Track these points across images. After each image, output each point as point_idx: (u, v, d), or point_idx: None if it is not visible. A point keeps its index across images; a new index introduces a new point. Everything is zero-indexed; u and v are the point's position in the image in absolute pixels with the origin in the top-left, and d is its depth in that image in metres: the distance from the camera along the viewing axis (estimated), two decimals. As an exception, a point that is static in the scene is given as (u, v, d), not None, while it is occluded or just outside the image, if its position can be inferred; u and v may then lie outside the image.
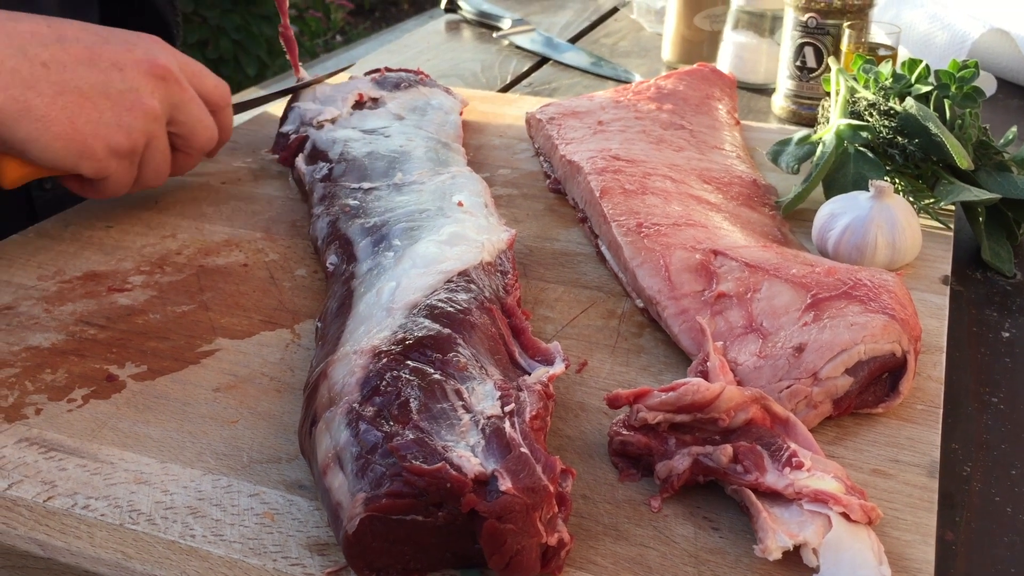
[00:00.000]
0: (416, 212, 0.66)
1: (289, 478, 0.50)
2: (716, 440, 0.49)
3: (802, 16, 1.00)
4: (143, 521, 0.47)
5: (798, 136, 0.82)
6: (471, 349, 0.51)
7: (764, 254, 0.62)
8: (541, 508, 0.42)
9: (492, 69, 1.26)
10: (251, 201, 0.82)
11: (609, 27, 1.46)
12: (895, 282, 0.59)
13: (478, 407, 0.46)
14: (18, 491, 0.49)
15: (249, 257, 0.73)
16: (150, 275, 0.70)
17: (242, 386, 0.58)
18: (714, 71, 0.98)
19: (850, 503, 0.45)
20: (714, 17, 1.20)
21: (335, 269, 0.64)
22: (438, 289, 0.55)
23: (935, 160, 0.77)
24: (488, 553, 0.41)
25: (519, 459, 0.43)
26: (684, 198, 0.71)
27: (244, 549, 0.46)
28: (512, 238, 0.65)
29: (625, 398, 0.50)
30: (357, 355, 0.49)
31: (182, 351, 0.61)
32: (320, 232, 0.70)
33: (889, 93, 0.79)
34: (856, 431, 0.54)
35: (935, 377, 0.58)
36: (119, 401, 0.56)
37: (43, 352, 0.61)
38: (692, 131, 0.84)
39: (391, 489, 0.41)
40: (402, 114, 0.86)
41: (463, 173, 0.74)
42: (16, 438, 0.53)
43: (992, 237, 0.77)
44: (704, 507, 0.48)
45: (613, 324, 0.64)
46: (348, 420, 0.45)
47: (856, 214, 0.68)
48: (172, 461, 0.51)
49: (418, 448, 0.42)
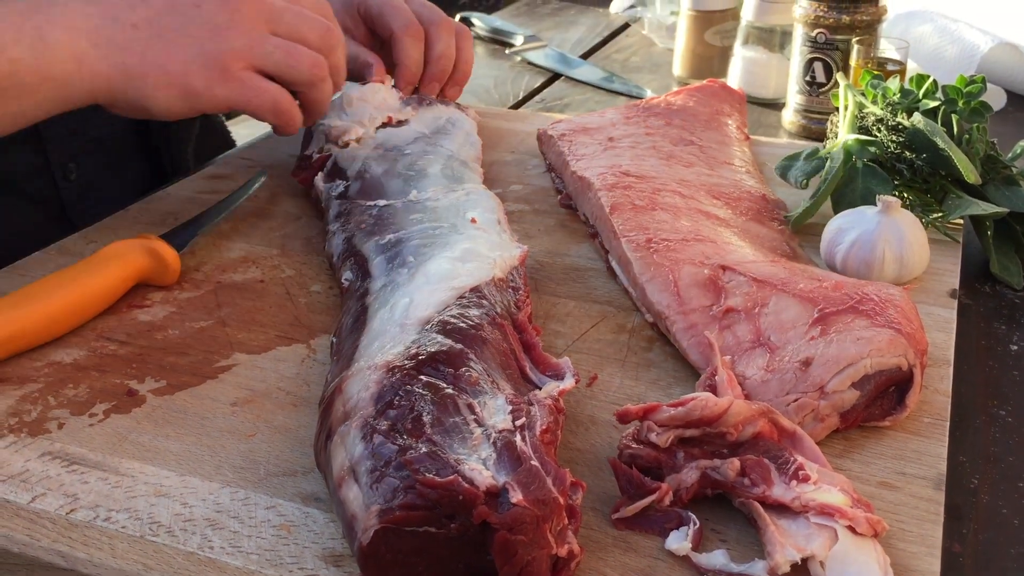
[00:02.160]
0: (430, 229, 0.68)
1: (305, 491, 0.51)
2: (724, 453, 0.50)
3: (811, 32, 1.01)
4: (163, 533, 0.49)
5: (807, 151, 0.83)
6: (483, 364, 0.52)
7: (772, 269, 0.63)
8: (551, 520, 0.43)
9: (505, 85, 1.28)
10: (267, 218, 0.83)
11: (621, 43, 1.47)
12: (901, 296, 0.59)
13: (490, 421, 0.47)
14: (42, 504, 0.51)
15: (265, 273, 0.74)
16: (169, 291, 0.71)
17: (259, 400, 0.59)
18: (724, 87, 0.99)
19: (856, 516, 0.46)
20: (724, 33, 1.21)
21: (350, 285, 0.66)
22: (450, 305, 0.57)
23: (943, 174, 0.77)
24: (499, 564, 0.41)
25: (530, 472, 0.44)
26: (693, 213, 0.72)
27: (261, 560, 0.47)
28: (524, 254, 0.66)
29: (635, 413, 0.51)
30: (371, 370, 0.50)
31: (200, 366, 0.62)
32: (336, 248, 0.71)
33: (897, 108, 0.80)
34: (863, 444, 0.55)
35: (942, 390, 0.59)
36: (139, 415, 0.58)
37: (65, 367, 0.62)
38: (702, 147, 0.85)
39: (404, 501, 0.42)
40: (426, 132, 0.87)
41: (477, 190, 0.75)
42: (39, 452, 0.55)
43: (1000, 250, 0.78)
44: (712, 519, 0.49)
45: (623, 338, 0.65)
46: (363, 434, 0.46)
47: (864, 229, 0.69)
48: (191, 474, 0.53)
49: (431, 461, 0.43)
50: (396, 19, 0.91)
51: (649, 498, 0.48)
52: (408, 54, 0.90)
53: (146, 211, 0.85)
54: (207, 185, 0.90)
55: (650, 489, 0.49)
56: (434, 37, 0.92)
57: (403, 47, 0.90)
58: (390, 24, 0.91)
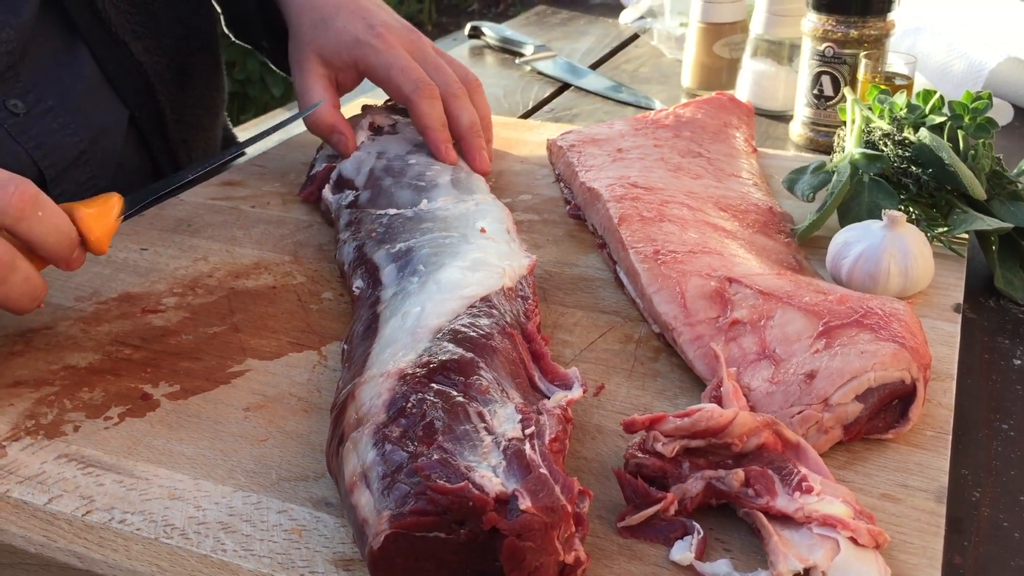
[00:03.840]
0: (440, 238, 0.69)
1: (316, 495, 0.52)
2: (729, 464, 0.51)
3: (820, 45, 1.02)
4: (176, 535, 0.50)
5: (814, 164, 0.84)
6: (493, 373, 0.53)
7: (778, 282, 0.64)
8: (559, 527, 0.44)
9: (514, 95, 1.29)
10: (280, 225, 0.84)
11: (630, 53, 1.48)
12: (905, 310, 0.60)
13: (500, 429, 0.48)
14: (58, 505, 0.52)
15: (278, 280, 0.75)
16: (183, 297, 0.72)
17: (271, 406, 0.60)
18: (732, 100, 1.00)
19: (858, 527, 0.46)
20: (733, 45, 1.22)
21: (361, 293, 0.67)
22: (461, 314, 0.57)
23: (949, 189, 0.78)
24: (508, 570, 0.42)
25: (538, 480, 0.45)
26: (701, 225, 0.72)
27: (273, 564, 0.48)
28: (533, 264, 0.67)
29: (641, 423, 0.51)
30: (384, 377, 0.51)
31: (213, 371, 0.63)
32: (347, 257, 0.72)
33: (903, 123, 0.81)
34: (866, 456, 0.55)
35: (945, 404, 0.59)
36: (153, 419, 0.59)
37: (81, 371, 0.63)
38: (710, 159, 0.86)
39: (416, 507, 0.43)
40: (419, 139, 0.89)
41: (487, 201, 0.76)
42: (56, 454, 0.56)
43: (1005, 265, 0.79)
44: (717, 529, 0.50)
45: (630, 349, 0.66)
46: (375, 440, 0.47)
47: (869, 243, 0.70)
48: (204, 478, 0.54)
49: (442, 468, 0.44)
50: (405, 84, 0.86)
51: (654, 507, 0.49)
52: (429, 116, 0.86)
53: (160, 217, 0.86)
54: (221, 191, 0.91)
55: (655, 498, 0.49)
56: (455, 109, 0.88)
57: (421, 112, 0.86)
58: (400, 90, 0.86)
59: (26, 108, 0.84)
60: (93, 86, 0.91)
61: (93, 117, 0.90)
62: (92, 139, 0.89)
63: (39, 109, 0.85)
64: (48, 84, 0.86)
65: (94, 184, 0.90)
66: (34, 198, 0.61)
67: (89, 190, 0.89)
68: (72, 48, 0.90)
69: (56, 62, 0.88)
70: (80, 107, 0.89)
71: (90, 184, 0.90)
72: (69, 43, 0.90)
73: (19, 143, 0.83)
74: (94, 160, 0.90)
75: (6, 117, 0.83)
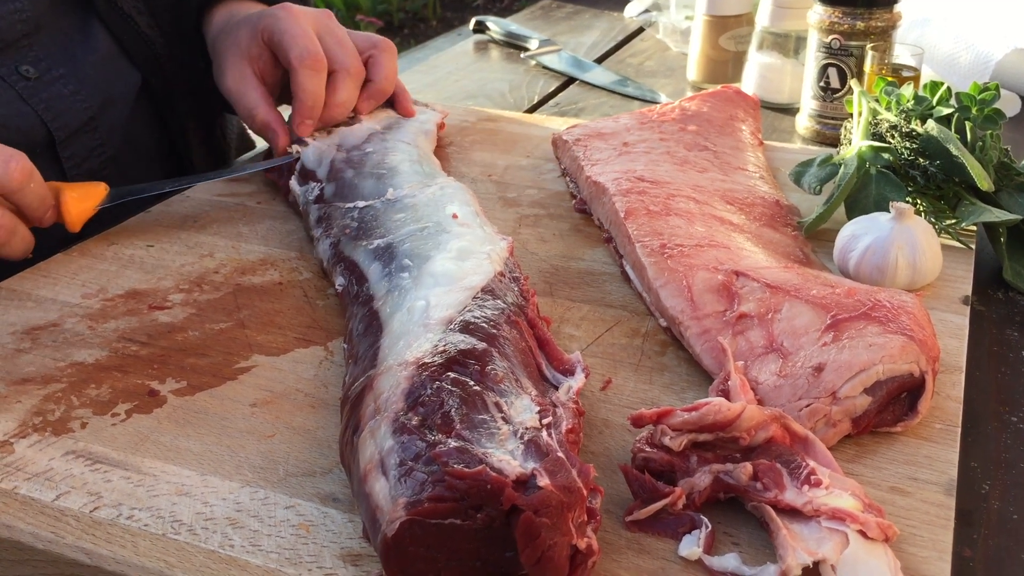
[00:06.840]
0: (417, 231, 0.68)
1: (323, 491, 0.52)
2: (737, 458, 0.50)
3: (826, 37, 1.01)
4: (184, 531, 0.50)
5: (820, 157, 0.84)
6: (506, 362, 0.53)
7: (785, 275, 0.64)
8: (574, 509, 0.44)
9: (520, 89, 1.29)
10: (285, 220, 0.84)
11: (635, 47, 1.48)
12: (914, 303, 0.60)
13: (517, 419, 0.48)
14: (66, 502, 0.52)
15: (284, 276, 0.75)
16: (189, 293, 0.72)
17: (278, 402, 0.60)
18: (738, 93, 0.99)
19: (867, 521, 0.46)
20: (739, 38, 1.22)
21: (345, 290, 0.67)
22: (468, 305, 0.58)
23: (956, 181, 0.78)
24: (521, 546, 0.42)
25: (556, 461, 0.45)
26: (707, 219, 0.72)
27: (280, 559, 0.48)
28: (510, 245, 0.67)
29: (648, 418, 0.51)
30: (402, 367, 0.51)
31: (220, 367, 0.63)
32: (324, 254, 0.72)
33: (911, 115, 0.80)
34: (875, 449, 0.55)
35: (954, 396, 0.59)
36: (160, 416, 0.59)
37: (88, 368, 0.64)
38: (716, 152, 0.86)
39: (433, 493, 0.43)
40: (378, 128, 0.89)
41: (450, 183, 0.77)
42: (63, 451, 0.56)
43: (1013, 257, 0.78)
44: (725, 522, 0.50)
45: (637, 343, 0.66)
46: (393, 428, 0.47)
47: (877, 235, 0.70)
48: (212, 474, 0.54)
49: (460, 455, 0.44)
50: (293, 48, 0.83)
51: (662, 501, 0.49)
52: (303, 87, 0.84)
53: (167, 213, 0.86)
54: (226, 188, 0.91)
55: (663, 493, 0.49)
56: (338, 84, 0.86)
57: (299, 80, 0.84)
58: (287, 54, 0.84)
59: (38, 74, 0.86)
60: (107, 58, 0.93)
61: (103, 86, 0.92)
62: (101, 106, 0.91)
63: (50, 76, 0.87)
64: (60, 55, 0.89)
65: (102, 151, 0.91)
66: (30, 172, 0.72)
67: (98, 156, 0.91)
68: (86, 25, 0.92)
69: (70, 38, 0.90)
70: (90, 76, 0.91)
71: (99, 151, 0.91)
72: (83, 20, 0.92)
73: (29, 104, 0.85)
74: (103, 126, 0.91)
75: (17, 80, 0.85)
